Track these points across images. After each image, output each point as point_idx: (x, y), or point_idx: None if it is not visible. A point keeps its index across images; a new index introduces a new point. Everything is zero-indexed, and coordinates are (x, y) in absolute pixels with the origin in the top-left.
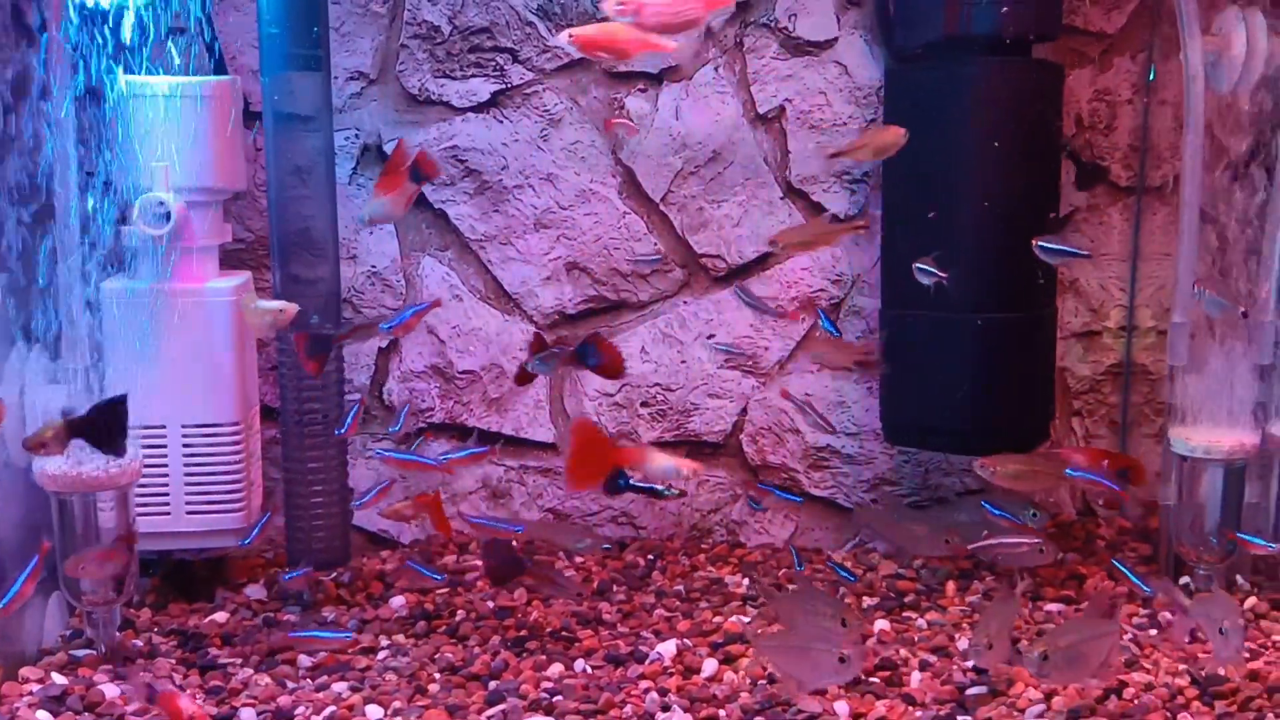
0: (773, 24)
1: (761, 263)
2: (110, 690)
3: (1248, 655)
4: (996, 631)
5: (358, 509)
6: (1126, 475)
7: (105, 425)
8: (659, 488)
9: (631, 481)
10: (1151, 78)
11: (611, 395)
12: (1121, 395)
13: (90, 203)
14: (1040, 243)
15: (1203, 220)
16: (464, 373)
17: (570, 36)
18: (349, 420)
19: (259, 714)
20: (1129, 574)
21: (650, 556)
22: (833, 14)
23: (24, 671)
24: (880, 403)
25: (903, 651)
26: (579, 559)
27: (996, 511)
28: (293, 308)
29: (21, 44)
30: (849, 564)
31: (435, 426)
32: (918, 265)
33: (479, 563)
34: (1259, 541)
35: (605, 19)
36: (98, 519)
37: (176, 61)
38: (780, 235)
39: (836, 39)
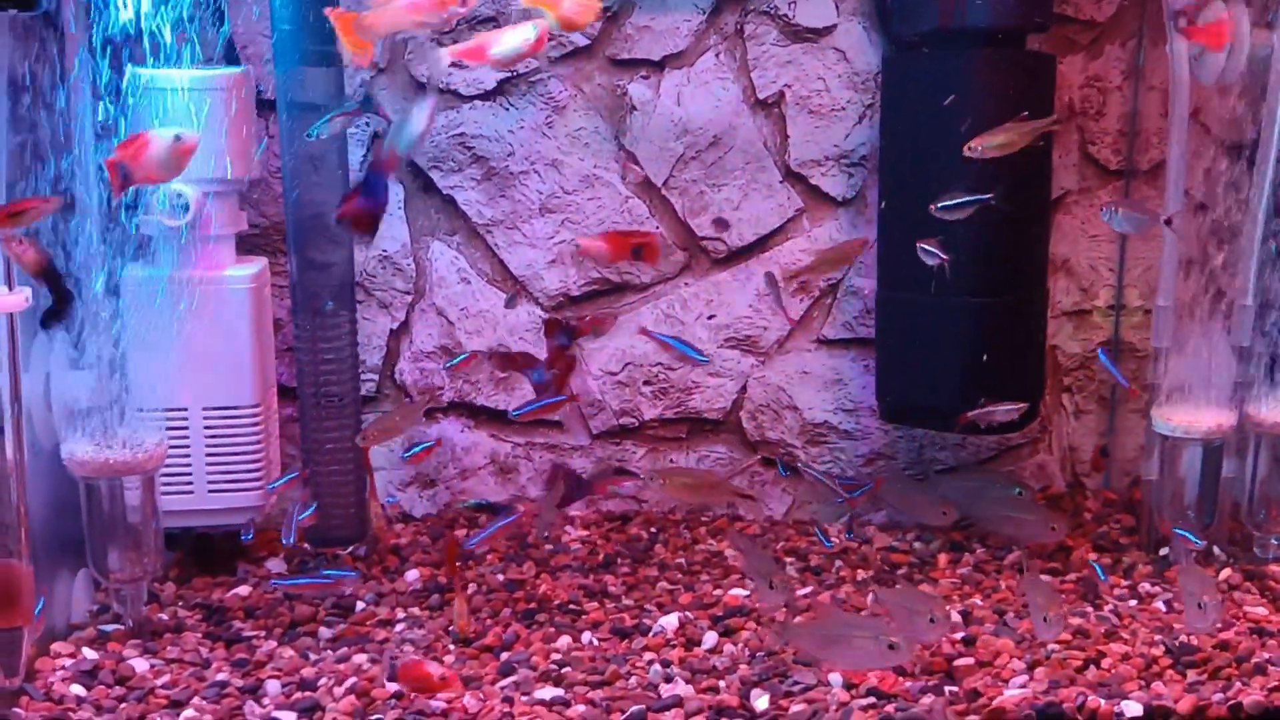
0: (773, 11)
1: (761, 245)
2: (140, 664)
3: (1219, 626)
4: (1047, 605)
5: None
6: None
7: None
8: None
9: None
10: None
11: (615, 374)
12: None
13: (110, 193)
14: (938, 205)
15: (1189, 204)
16: (472, 352)
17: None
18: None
19: (284, 685)
20: (1099, 570)
21: (653, 530)
22: (832, 1)
23: (55, 647)
24: (876, 381)
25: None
26: (583, 532)
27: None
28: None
29: (39, 36)
30: (843, 537)
31: (447, 405)
32: (921, 245)
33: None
34: (1190, 537)
35: None
36: (125, 501)
37: (191, 54)
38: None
39: (836, 26)
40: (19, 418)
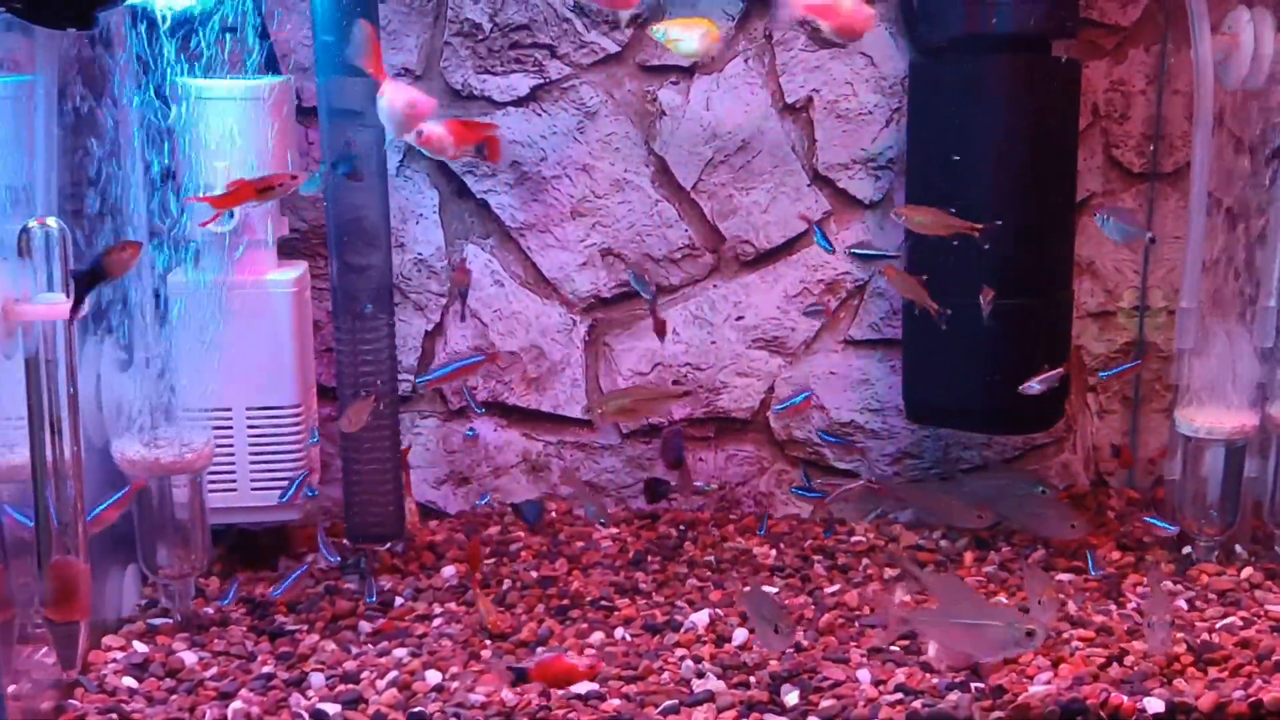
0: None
1: (788, 247)
2: (189, 657)
3: (1240, 624)
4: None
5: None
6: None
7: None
8: (699, 485)
9: (673, 485)
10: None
11: (645, 374)
12: (1135, 373)
13: (156, 200)
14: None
15: (1214, 207)
16: (505, 354)
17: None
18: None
19: (327, 678)
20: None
21: (681, 527)
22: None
23: (106, 640)
24: (903, 382)
25: None
26: (613, 530)
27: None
28: None
29: (90, 49)
30: (871, 534)
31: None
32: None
33: (521, 534)
34: (1162, 524)
35: None
36: (173, 499)
37: (234, 64)
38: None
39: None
40: (76, 420)
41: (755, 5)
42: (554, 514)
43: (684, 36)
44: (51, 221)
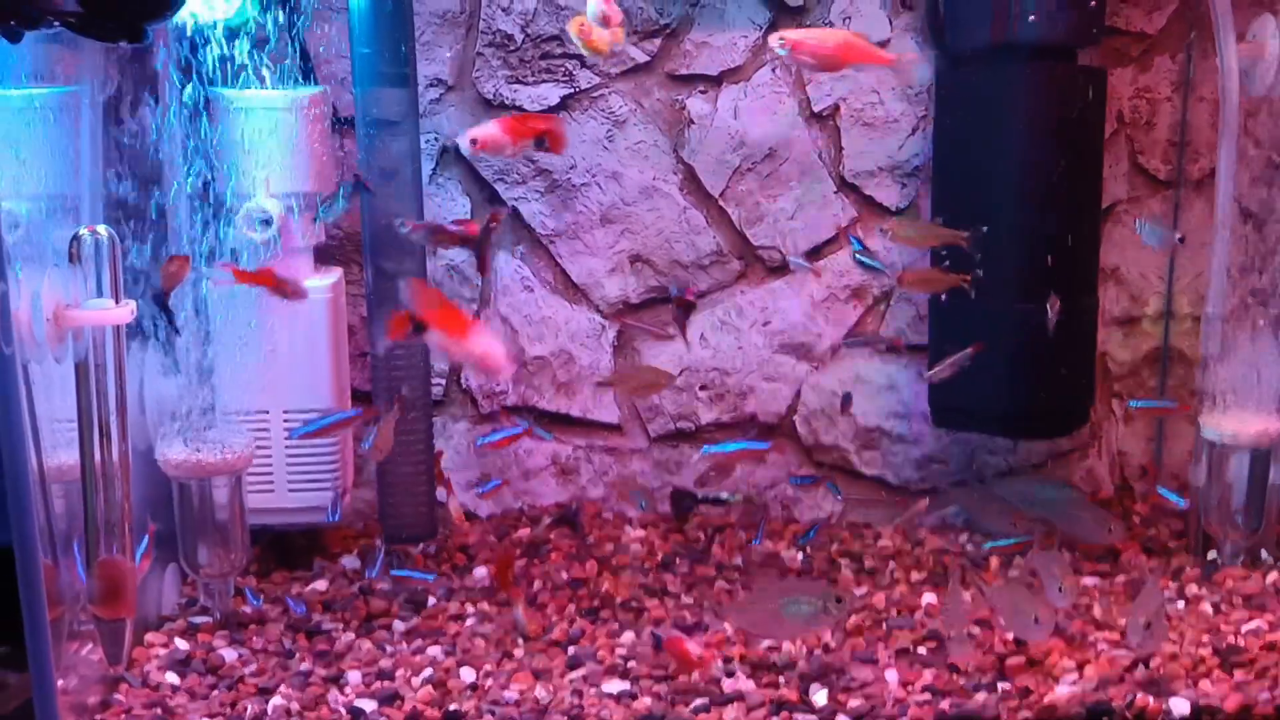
0: (828, 26)
1: (815, 254)
2: (229, 654)
3: (1266, 627)
4: (1154, 613)
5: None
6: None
7: None
8: (723, 495)
9: (699, 497)
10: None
11: (673, 379)
12: (1159, 379)
13: (198, 208)
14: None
15: (1240, 214)
16: (535, 358)
17: None
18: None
19: (364, 676)
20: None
21: (709, 530)
22: (885, 17)
23: (149, 637)
24: (929, 386)
25: None
26: (641, 532)
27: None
28: None
29: (133, 62)
30: (897, 539)
31: (509, 409)
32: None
33: (553, 536)
34: (1174, 497)
35: None
36: (214, 500)
37: (273, 76)
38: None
39: (889, 40)
40: (125, 423)
41: (782, 16)
42: (582, 517)
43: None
44: (102, 229)
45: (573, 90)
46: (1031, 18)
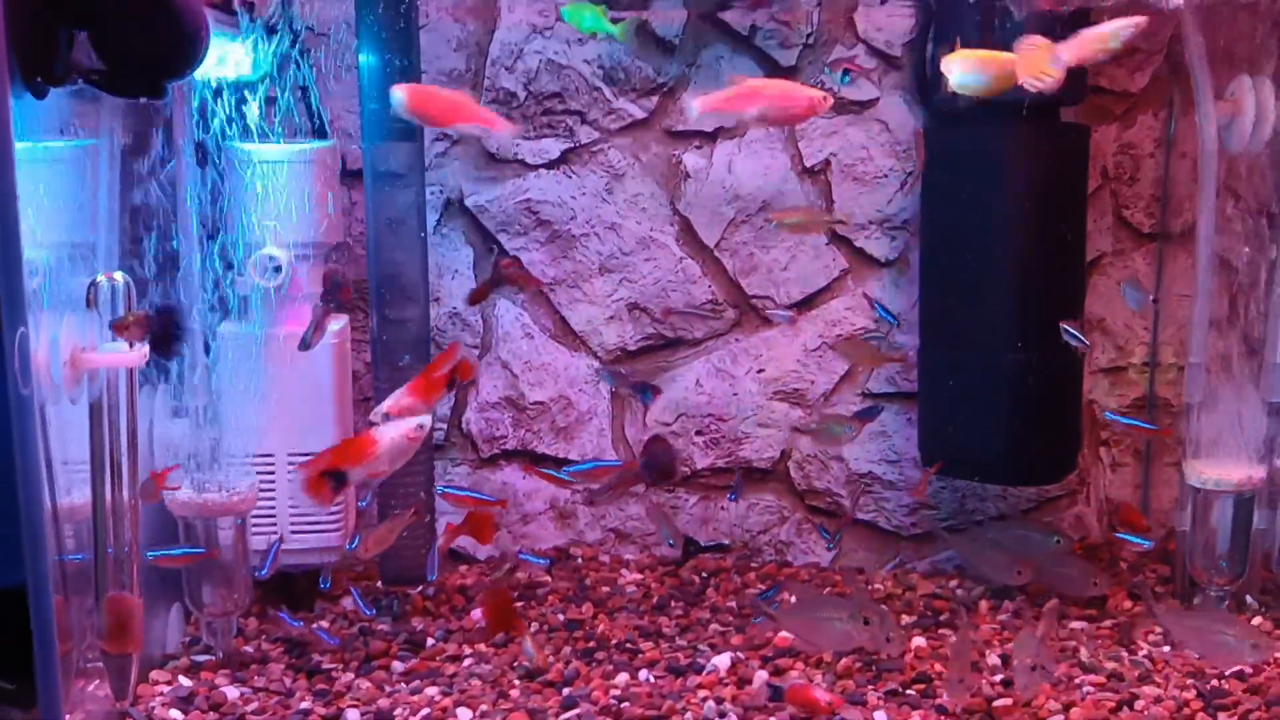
0: (819, 86)
1: (808, 303)
2: (231, 692)
3: (1250, 670)
4: (1037, 654)
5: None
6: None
7: (163, 329)
8: (725, 543)
9: (700, 545)
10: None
11: (669, 424)
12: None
13: (209, 257)
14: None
15: (1222, 266)
16: (535, 403)
17: None
18: None
19: (363, 714)
20: None
21: (704, 574)
22: (875, 76)
23: (154, 674)
24: (919, 433)
25: (937, 666)
26: (637, 575)
27: None
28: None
29: (148, 115)
30: (889, 583)
31: (508, 453)
32: (1065, 327)
33: (548, 578)
34: (1136, 539)
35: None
36: (219, 539)
37: (284, 129)
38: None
39: (878, 99)
40: (135, 463)
41: (776, 73)
42: (580, 559)
43: None
44: (118, 275)
45: (573, 145)
46: None
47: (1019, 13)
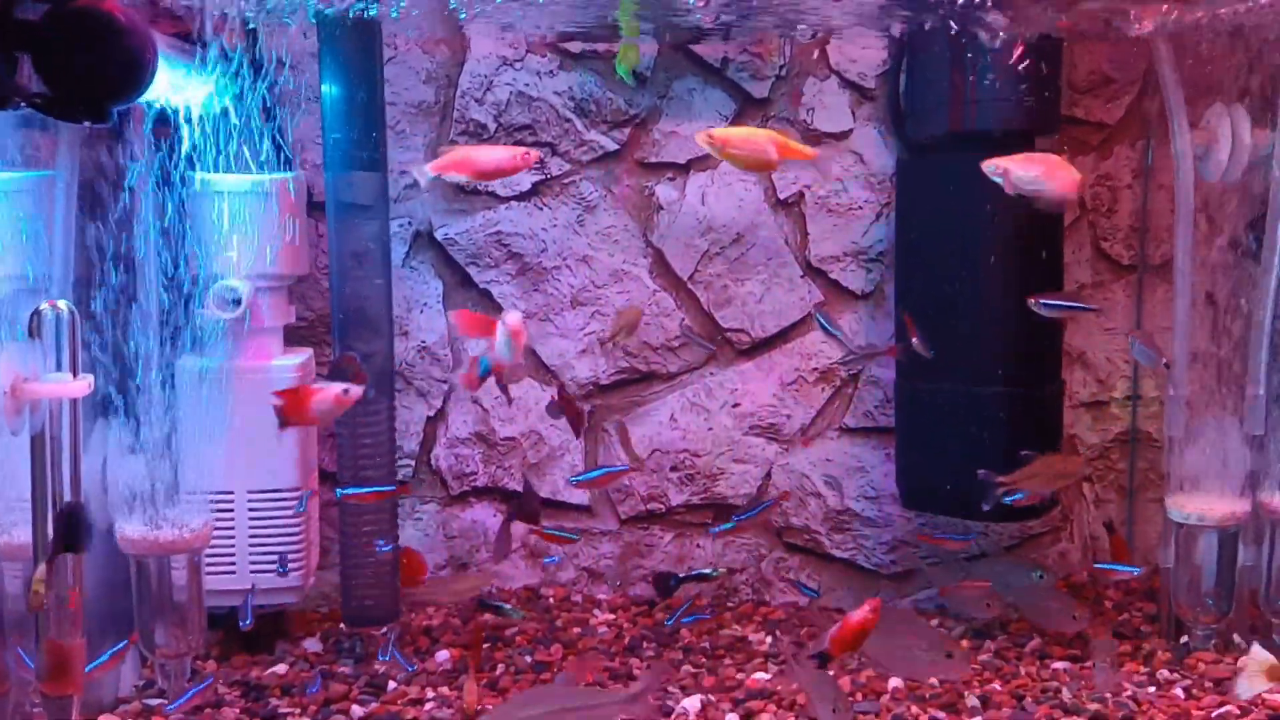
0: (792, 117)
1: (783, 336)
2: None
3: (1237, 711)
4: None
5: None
6: None
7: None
8: (708, 571)
9: (680, 577)
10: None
11: (642, 460)
12: (1129, 462)
13: (168, 288)
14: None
15: (1202, 298)
16: (505, 439)
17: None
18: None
19: None
20: None
21: (677, 619)
22: (848, 108)
23: (102, 718)
24: (897, 469)
25: (914, 709)
26: (610, 615)
27: None
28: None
29: (107, 146)
30: None
31: (479, 490)
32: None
33: (517, 622)
34: (1123, 569)
35: None
36: (172, 579)
37: (248, 160)
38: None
39: (852, 130)
40: (78, 498)
41: (748, 105)
42: (551, 599)
43: None
44: (62, 304)
45: (544, 176)
46: (987, 106)
47: (989, 42)
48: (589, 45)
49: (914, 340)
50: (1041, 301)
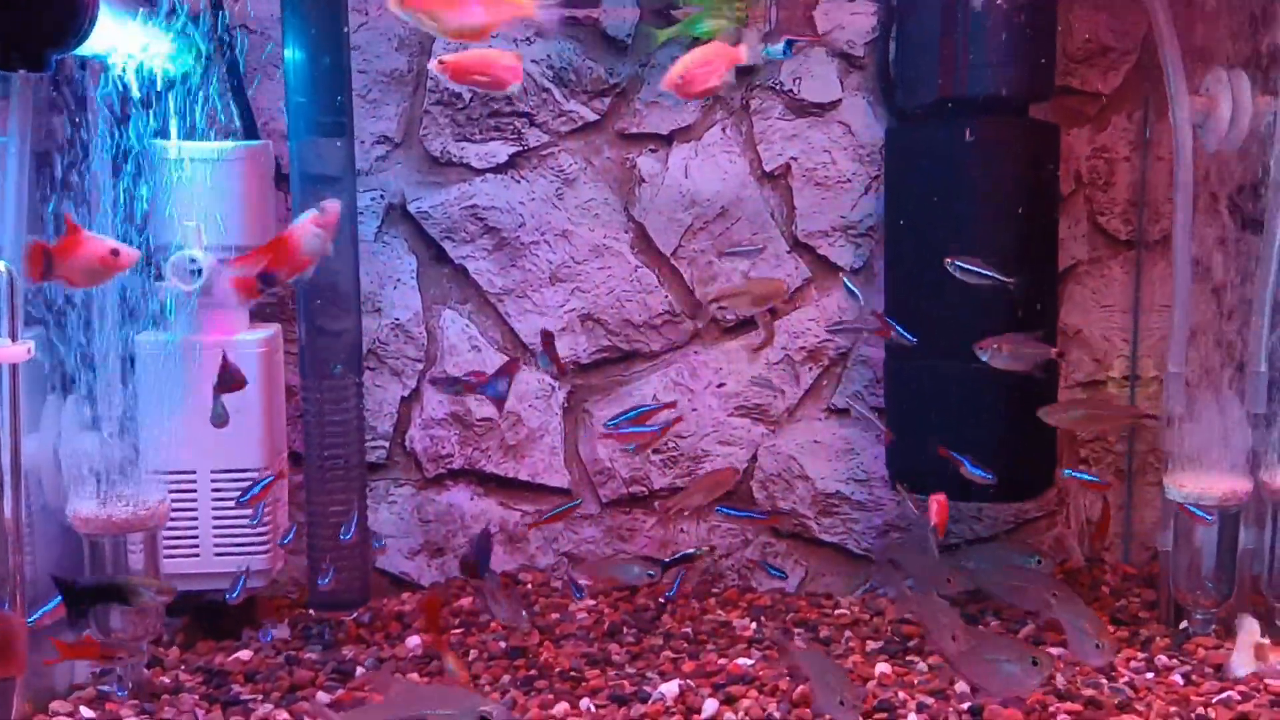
0: (778, 87)
1: (771, 314)
2: None
3: (1237, 697)
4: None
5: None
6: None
7: None
8: (690, 551)
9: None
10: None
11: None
12: (1127, 443)
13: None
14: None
15: (1202, 274)
16: (482, 420)
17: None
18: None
19: None
20: None
21: (661, 600)
22: (836, 77)
23: (54, 705)
24: (886, 450)
25: (901, 694)
26: (590, 601)
27: None
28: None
29: (63, 111)
30: (856, 609)
31: (455, 472)
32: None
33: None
34: (1091, 479)
35: None
36: (128, 560)
37: (211, 128)
38: None
39: (840, 100)
40: (18, 476)
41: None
42: (529, 585)
43: None
44: (1, 265)
45: (521, 148)
46: (978, 71)
47: (978, 4)
48: (566, 11)
49: (892, 335)
50: (955, 263)
